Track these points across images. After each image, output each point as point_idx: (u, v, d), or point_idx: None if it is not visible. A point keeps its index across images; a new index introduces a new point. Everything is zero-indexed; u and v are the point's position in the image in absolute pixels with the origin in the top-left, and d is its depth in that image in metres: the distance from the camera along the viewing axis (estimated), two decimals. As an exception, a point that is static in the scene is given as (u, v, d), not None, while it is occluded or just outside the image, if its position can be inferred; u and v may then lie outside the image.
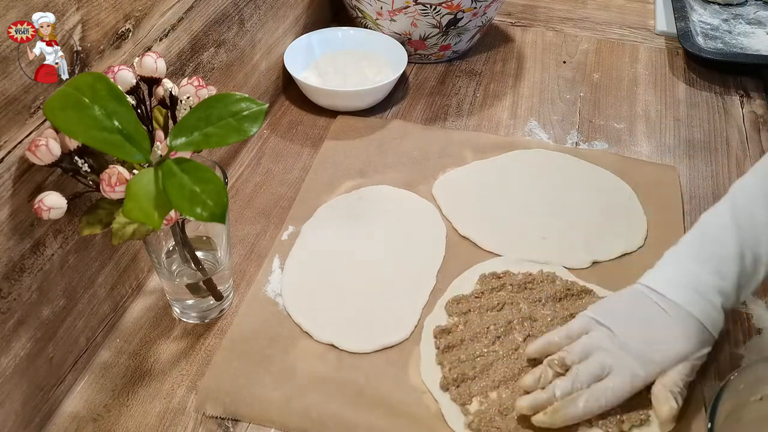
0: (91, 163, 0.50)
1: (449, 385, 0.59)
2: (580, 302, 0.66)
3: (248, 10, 0.82)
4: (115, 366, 0.62)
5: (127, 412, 0.59)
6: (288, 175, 0.83)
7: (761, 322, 0.66)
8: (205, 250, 0.65)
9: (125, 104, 0.46)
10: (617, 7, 1.20)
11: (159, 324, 0.66)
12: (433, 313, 0.66)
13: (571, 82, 1.00)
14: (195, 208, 0.44)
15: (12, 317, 0.51)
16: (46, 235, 0.53)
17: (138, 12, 0.60)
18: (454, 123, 0.92)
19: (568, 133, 0.90)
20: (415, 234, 0.75)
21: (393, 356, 0.63)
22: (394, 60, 0.95)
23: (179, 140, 0.47)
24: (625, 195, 0.79)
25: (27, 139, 0.49)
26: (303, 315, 0.66)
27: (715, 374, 0.62)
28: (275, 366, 0.61)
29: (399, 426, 0.57)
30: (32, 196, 0.50)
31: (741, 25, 1.11)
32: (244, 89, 0.84)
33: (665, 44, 1.09)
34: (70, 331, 0.59)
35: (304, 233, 0.74)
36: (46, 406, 0.57)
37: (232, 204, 0.78)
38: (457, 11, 0.94)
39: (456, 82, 1.00)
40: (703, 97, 0.97)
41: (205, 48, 0.73)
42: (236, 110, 0.47)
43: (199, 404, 0.59)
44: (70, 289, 0.58)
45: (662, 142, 0.89)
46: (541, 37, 1.11)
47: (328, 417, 0.57)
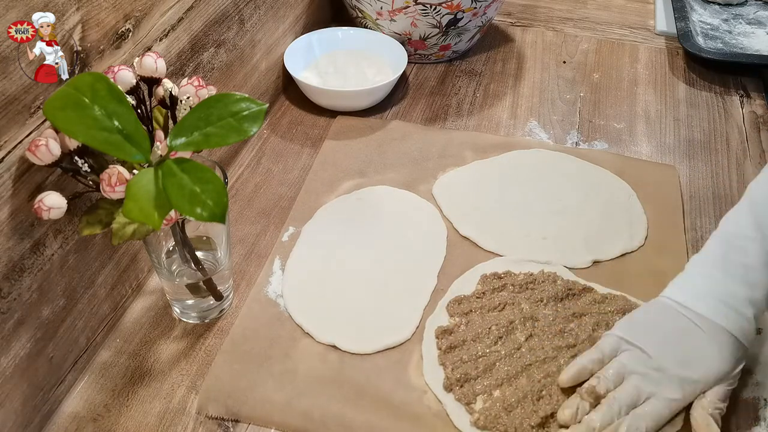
0: (91, 163, 0.50)
1: (452, 385, 0.59)
2: (582, 301, 0.66)
3: (248, 10, 0.82)
4: (115, 366, 0.62)
5: (127, 412, 0.59)
6: (288, 175, 0.83)
7: (761, 322, 0.66)
8: (205, 250, 0.65)
9: (125, 104, 0.45)
10: (617, 7, 1.20)
11: (159, 324, 0.66)
12: (435, 313, 0.66)
13: (571, 82, 1.00)
14: (195, 208, 0.44)
15: (12, 317, 0.51)
16: (46, 235, 0.53)
17: (138, 12, 0.60)
18: (454, 123, 0.92)
19: (568, 133, 0.90)
20: (415, 234, 0.75)
21: (394, 357, 0.63)
22: (394, 60, 0.95)
23: (179, 140, 0.47)
24: (625, 195, 0.79)
25: (27, 139, 0.49)
26: (304, 316, 0.66)
27: (716, 374, 0.62)
28: (276, 367, 0.61)
29: (400, 426, 0.57)
30: (32, 196, 0.50)
31: (741, 25, 1.11)
32: (244, 89, 0.84)
33: (665, 44, 1.09)
34: (70, 331, 0.59)
35: (305, 234, 0.74)
36: (46, 406, 0.57)
37: (232, 204, 0.78)
38: (457, 11, 0.94)
39: (456, 82, 1.00)
40: (703, 97, 0.97)
41: (205, 48, 0.73)
42: (236, 110, 0.47)
43: (201, 405, 0.59)
44: (70, 289, 0.58)
45: (662, 142, 0.89)
46: (541, 37, 1.11)
47: (329, 418, 0.57)
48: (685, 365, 0.55)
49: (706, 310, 0.56)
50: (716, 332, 0.55)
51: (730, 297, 0.56)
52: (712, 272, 0.57)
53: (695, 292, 0.57)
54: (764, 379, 0.61)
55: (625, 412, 0.53)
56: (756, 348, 0.64)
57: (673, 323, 0.57)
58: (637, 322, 0.59)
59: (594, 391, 0.55)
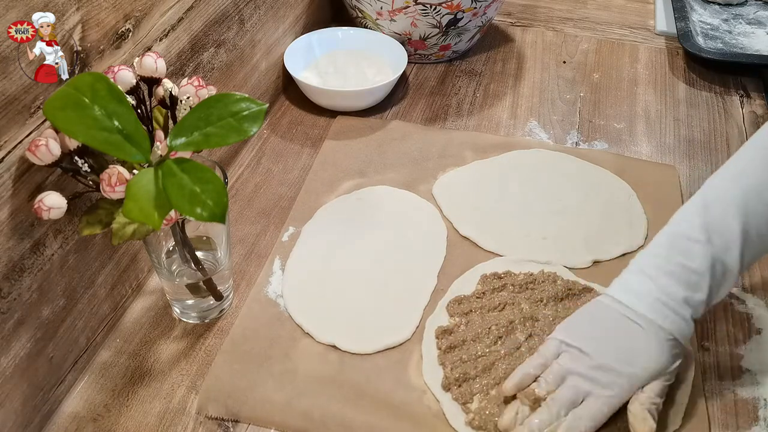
0: (91, 163, 0.50)
1: (451, 385, 0.59)
2: (582, 302, 0.66)
3: (248, 10, 0.82)
4: (115, 366, 0.62)
5: (127, 412, 0.59)
6: (288, 175, 0.83)
7: (761, 322, 0.66)
8: (205, 250, 0.65)
9: (125, 104, 0.45)
10: (617, 7, 1.20)
11: (159, 324, 0.66)
12: (435, 313, 0.66)
13: (571, 82, 1.00)
14: (195, 208, 0.44)
15: (12, 317, 0.51)
16: (46, 235, 0.53)
17: (138, 12, 0.60)
18: (454, 123, 0.92)
19: (568, 133, 0.90)
20: (415, 234, 0.75)
21: (394, 357, 0.63)
22: (394, 60, 0.95)
23: (179, 140, 0.47)
24: (625, 195, 0.79)
25: (27, 139, 0.49)
26: (304, 316, 0.66)
27: (716, 374, 0.62)
28: (276, 367, 0.61)
29: (400, 426, 0.57)
30: (32, 196, 0.50)
31: (741, 25, 1.11)
32: (244, 89, 0.84)
33: (665, 44, 1.09)
34: (70, 331, 0.59)
35: (305, 234, 0.74)
36: (46, 406, 0.57)
37: (232, 204, 0.78)
38: (457, 11, 0.94)
39: (456, 82, 1.00)
40: (703, 97, 0.97)
41: (205, 48, 0.73)
42: (236, 110, 0.47)
43: (201, 406, 0.59)
44: (70, 289, 0.58)
45: (662, 142, 0.89)
46: (541, 37, 1.11)
47: (329, 418, 0.57)
48: (623, 362, 0.55)
49: (645, 309, 0.56)
50: (654, 330, 0.56)
51: (669, 297, 0.56)
52: (653, 272, 0.58)
53: (636, 291, 0.58)
54: (764, 379, 0.61)
55: (565, 412, 0.54)
56: (756, 348, 0.64)
57: (612, 322, 0.57)
58: (577, 324, 0.59)
59: (533, 393, 0.55)
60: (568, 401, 0.54)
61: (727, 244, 0.56)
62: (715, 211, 0.57)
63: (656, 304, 0.56)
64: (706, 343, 0.64)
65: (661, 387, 0.56)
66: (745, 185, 0.57)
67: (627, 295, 0.58)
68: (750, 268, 0.70)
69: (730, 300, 0.68)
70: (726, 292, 0.58)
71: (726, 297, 0.68)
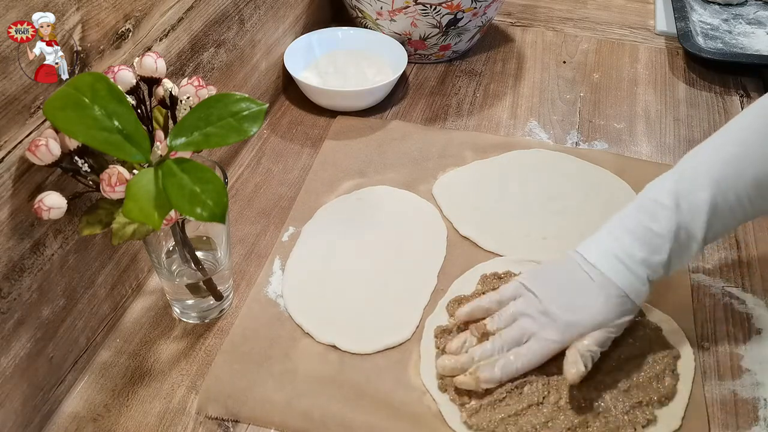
0: (91, 163, 0.50)
1: (447, 385, 0.59)
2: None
3: (248, 10, 0.82)
4: (115, 366, 0.62)
5: (127, 412, 0.59)
6: (288, 175, 0.83)
7: (761, 322, 0.66)
8: (205, 250, 0.65)
9: (125, 104, 0.45)
10: (617, 7, 1.20)
11: (159, 324, 0.66)
12: (434, 313, 0.66)
13: (571, 82, 1.00)
14: (195, 208, 0.44)
15: (12, 317, 0.51)
16: (46, 235, 0.53)
17: (138, 12, 0.60)
18: (454, 123, 0.92)
19: (568, 133, 0.90)
20: (415, 234, 0.75)
21: (394, 357, 0.63)
22: (394, 60, 0.95)
23: (179, 140, 0.47)
24: (625, 195, 0.79)
25: (27, 139, 0.49)
26: (304, 316, 0.66)
27: (716, 374, 0.62)
28: (276, 367, 0.61)
29: (400, 426, 0.57)
30: (32, 196, 0.50)
31: (741, 25, 1.11)
32: (244, 89, 0.84)
33: (665, 44, 1.09)
34: (70, 331, 0.59)
35: (305, 234, 0.74)
36: (46, 406, 0.57)
37: (232, 204, 0.78)
38: (457, 11, 0.94)
39: (456, 82, 1.00)
40: (703, 97, 0.97)
41: (205, 48, 0.73)
42: (236, 110, 0.47)
43: (201, 406, 0.59)
44: (70, 289, 0.58)
45: (662, 142, 0.89)
46: (541, 37, 1.11)
47: (329, 418, 0.57)
48: (569, 310, 0.58)
49: (601, 263, 0.58)
50: (605, 285, 0.58)
51: (627, 255, 0.58)
52: (618, 231, 0.59)
53: (597, 248, 0.60)
54: (764, 379, 0.61)
55: (508, 349, 0.58)
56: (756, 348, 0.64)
57: (569, 273, 0.60)
58: (540, 271, 0.63)
59: (483, 327, 0.59)
60: (512, 339, 0.58)
61: (694, 214, 0.57)
62: (688, 178, 0.58)
63: (613, 260, 0.58)
64: (706, 343, 0.64)
65: (603, 337, 0.57)
66: (724, 157, 0.58)
67: (588, 250, 0.60)
68: (721, 238, 0.72)
69: (730, 300, 0.68)
70: (689, 259, 0.59)
71: (726, 297, 0.68)
